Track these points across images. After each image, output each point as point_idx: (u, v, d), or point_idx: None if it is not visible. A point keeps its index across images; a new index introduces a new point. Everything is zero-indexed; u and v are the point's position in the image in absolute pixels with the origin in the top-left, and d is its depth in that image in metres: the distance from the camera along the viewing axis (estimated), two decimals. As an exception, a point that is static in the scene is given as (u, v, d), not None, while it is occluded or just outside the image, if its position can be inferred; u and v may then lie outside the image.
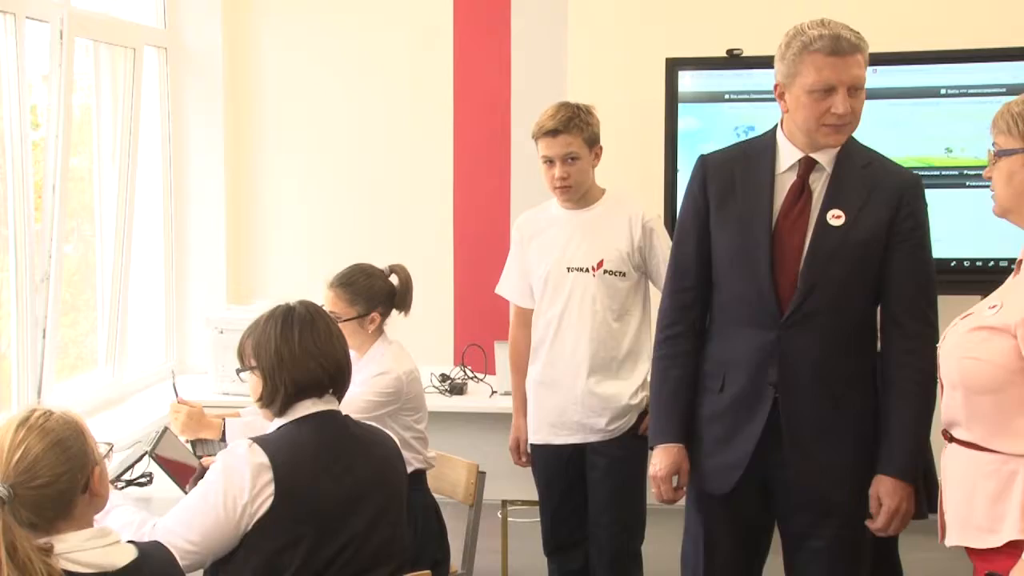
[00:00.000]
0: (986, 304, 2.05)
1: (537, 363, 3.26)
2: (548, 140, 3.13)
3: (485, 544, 3.46)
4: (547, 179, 3.18)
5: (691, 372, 2.56)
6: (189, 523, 2.16)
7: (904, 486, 2.40)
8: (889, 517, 2.40)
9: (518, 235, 3.33)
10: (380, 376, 3.08)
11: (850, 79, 2.37)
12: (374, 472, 2.34)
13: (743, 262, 2.46)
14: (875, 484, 2.43)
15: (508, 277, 3.39)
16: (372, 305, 3.15)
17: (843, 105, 2.37)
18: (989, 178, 2.09)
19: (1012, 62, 4.54)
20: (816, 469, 2.45)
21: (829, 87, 2.37)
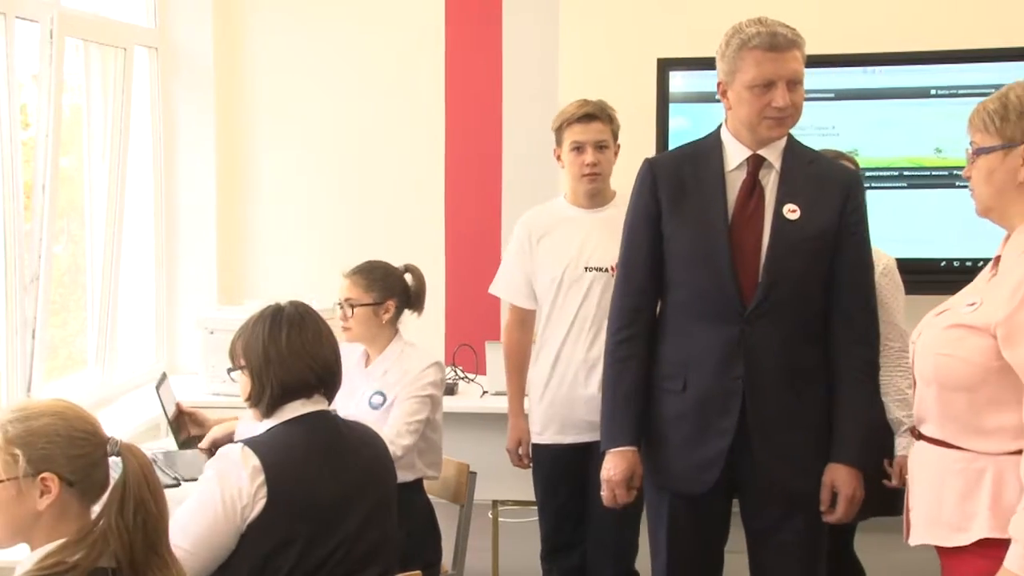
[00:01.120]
0: (963, 301, 2.05)
1: (545, 362, 3.21)
2: (581, 126, 3.14)
3: (476, 544, 3.46)
4: (573, 167, 3.16)
5: (644, 375, 2.58)
6: (184, 529, 2.16)
7: (857, 474, 2.48)
8: (847, 505, 2.47)
9: (525, 233, 3.26)
10: (432, 367, 3.11)
11: (788, 73, 2.42)
12: (365, 472, 2.34)
13: (702, 260, 2.49)
14: (829, 473, 2.48)
15: (508, 276, 3.34)
16: (387, 295, 3.17)
17: (783, 99, 2.42)
18: (968, 178, 2.09)
19: (1002, 62, 4.56)
20: (784, 462, 2.48)
21: (768, 82, 2.42)
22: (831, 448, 2.49)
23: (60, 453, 1.74)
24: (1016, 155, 1.99)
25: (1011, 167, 2.00)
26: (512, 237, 3.34)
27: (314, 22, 5.35)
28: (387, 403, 3.09)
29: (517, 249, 3.29)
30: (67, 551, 1.72)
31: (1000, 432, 1.96)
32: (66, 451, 1.74)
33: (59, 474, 1.73)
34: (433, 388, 3.10)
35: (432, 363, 3.14)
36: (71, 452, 1.74)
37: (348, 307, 3.14)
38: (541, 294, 3.23)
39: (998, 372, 1.93)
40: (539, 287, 3.24)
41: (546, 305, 3.21)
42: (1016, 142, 1.99)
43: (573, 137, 3.15)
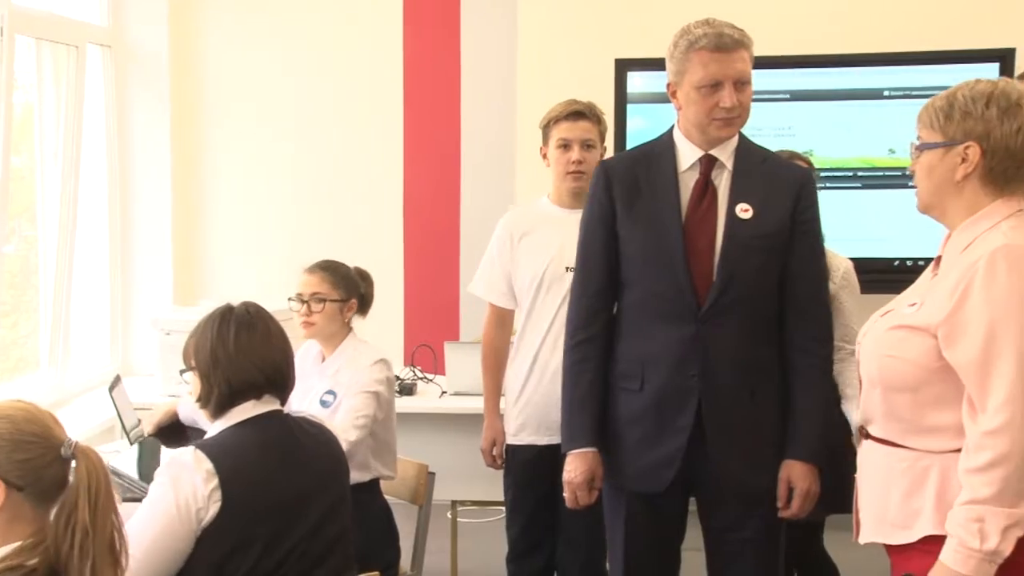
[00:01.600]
0: (906, 302, 2.07)
1: (523, 362, 3.18)
2: (568, 124, 3.13)
3: (434, 545, 3.45)
4: (559, 164, 3.14)
5: (602, 376, 2.59)
6: (138, 535, 2.13)
7: (813, 469, 2.50)
8: (802, 500, 2.49)
9: (506, 232, 3.23)
10: (378, 364, 3.11)
11: (735, 73, 2.45)
12: (320, 471, 2.33)
13: (658, 259, 2.51)
14: (785, 469, 2.50)
15: (488, 275, 3.30)
16: (350, 293, 3.20)
17: (730, 99, 2.45)
18: (913, 173, 2.11)
19: (954, 64, 4.63)
20: (740, 460, 2.50)
21: (716, 82, 2.44)
22: (787, 444, 2.51)
23: (4, 457, 1.71)
24: (956, 154, 2.00)
25: (950, 165, 2.01)
26: (493, 236, 3.30)
27: (271, 20, 5.31)
28: (337, 401, 3.09)
29: (498, 248, 3.26)
30: (24, 554, 1.69)
31: (944, 431, 1.98)
32: (11, 455, 1.72)
33: (4, 478, 1.71)
34: (378, 385, 3.08)
35: (378, 360, 3.13)
36: (16, 456, 1.72)
37: (316, 301, 3.13)
38: (520, 293, 3.20)
39: (940, 372, 1.95)
40: (519, 286, 3.21)
41: (526, 304, 3.19)
42: (957, 141, 2.00)
43: (560, 135, 3.14)
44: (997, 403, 1.87)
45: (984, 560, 1.86)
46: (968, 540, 1.86)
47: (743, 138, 2.58)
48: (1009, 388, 1.86)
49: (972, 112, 1.99)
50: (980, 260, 1.91)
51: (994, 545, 1.85)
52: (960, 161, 2.00)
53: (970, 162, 1.99)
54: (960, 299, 1.92)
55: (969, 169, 1.99)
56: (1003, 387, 1.87)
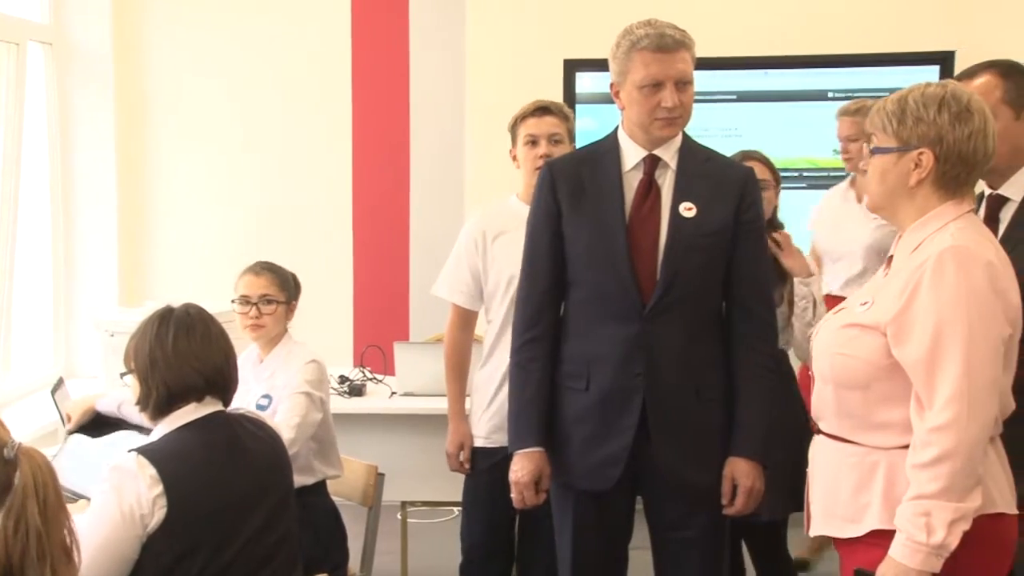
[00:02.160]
0: (857, 300, 2.10)
1: (497, 364, 3.10)
2: (535, 120, 3.11)
3: (384, 546, 3.43)
4: (527, 161, 3.11)
5: (549, 376, 2.60)
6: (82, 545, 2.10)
7: (757, 466, 2.53)
8: (746, 497, 2.51)
9: (478, 231, 3.17)
10: (309, 364, 3.08)
11: (676, 74, 2.46)
12: (264, 471, 2.31)
13: (602, 259, 2.52)
14: (729, 466, 2.52)
15: (454, 276, 3.22)
16: (292, 296, 3.20)
17: (671, 99, 2.46)
18: (865, 170, 2.13)
19: (896, 67, 4.71)
20: (685, 459, 2.51)
21: (657, 82, 2.46)
22: (731, 442, 2.53)
23: None
24: (909, 159, 2.03)
25: (904, 170, 2.04)
26: (461, 236, 3.24)
27: (217, 17, 5.26)
28: (273, 405, 3.06)
29: (467, 248, 3.19)
30: None
31: (892, 427, 2.00)
32: None
33: None
34: (310, 386, 3.05)
35: (309, 360, 3.10)
36: None
37: (265, 303, 3.12)
38: (493, 294, 3.15)
39: (890, 370, 1.98)
40: (491, 287, 3.15)
41: (500, 305, 3.12)
42: (910, 146, 2.03)
43: (527, 131, 3.12)
44: (944, 400, 1.90)
45: (931, 554, 1.89)
46: (916, 534, 1.89)
47: (686, 138, 2.60)
48: (955, 385, 1.89)
49: (924, 117, 2.01)
50: (928, 260, 1.94)
51: (941, 539, 1.88)
52: (913, 167, 2.03)
53: (924, 168, 2.02)
54: (909, 298, 1.95)
55: (923, 175, 2.02)
56: (949, 384, 1.90)
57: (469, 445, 3.19)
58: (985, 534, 1.96)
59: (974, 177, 2.06)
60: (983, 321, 1.91)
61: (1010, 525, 2.02)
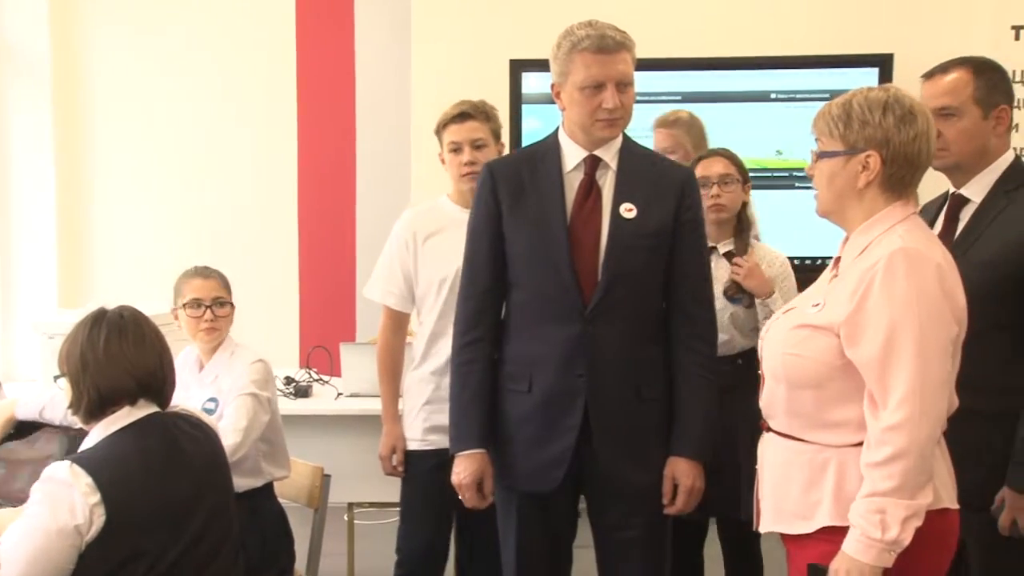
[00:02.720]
0: (808, 301, 2.12)
1: (432, 366, 3.09)
2: (456, 126, 3.08)
3: (331, 547, 3.41)
4: (453, 167, 3.10)
5: (491, 376, 2.59)
6: (14, 559, 2.06)
7: (697, 466, 2.53)
8: (686, 496, 2.52)
9: (409, 233, 3.13)
10: (254, 365, 3.05)
11: (617, 75, 2.46)
12: (203, 473, 2.28)
13: (542, 260, 2.52)
14: (670, 466, 2.53)
15: (386, 278, 3.18)
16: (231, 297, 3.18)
17: (612, 100, 2.47)
18: (812, 175, 2.15)
19: (836, 68, 4.78)
20: (626, 459, 2.52)
21: (598, 83, 2.46)
22: (671, 442, 2.53)
23: None
24: (856, 162, 2.05)
25: (852, 173, 2.06)
26: (392, 238, 3.21)
27: (159, 17, 5.20)
28: (219, 409, 3.03)
29: (398, 249, 3.16)
30: None
31: (844, 426, 2.03)
32: None
33: None
34: (256, 387, 3.02)
35: (255, 361, 3.08)
36: None
37: (219, 306, 3.10)
38: (426, 295, 3.12)
39: (842, 369, 2.00)
40: (422, 288, 3.13)
41: (433, 307, 3.10)
42: (858, 149, 2.05)
43: (450, 137, 3.09)
44: (897, 399, 1.92)
45: (885, 550, 1.92)
46: (870, 531, 1.92)
47: (627, 139, 2.60)
48: (908, 384, 1.92)
49: (870, 121, 2.03)
50: (879, 262, 1.96)
51: (895, 535, 1.91)
52: (861, 169, 2.05)
53: (871, 170, 2.04)
54: (861, 300, 1.97)
55: (871, 177, 2.04)
56: (903, 384, 1.92)
57: (402, 448, 3.16)
58: (930, 529, 1.98)
59: (918, 178, 2.09)
60: (933, 321, 1.94)
61: (953, 520, 2.06)
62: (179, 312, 3.11)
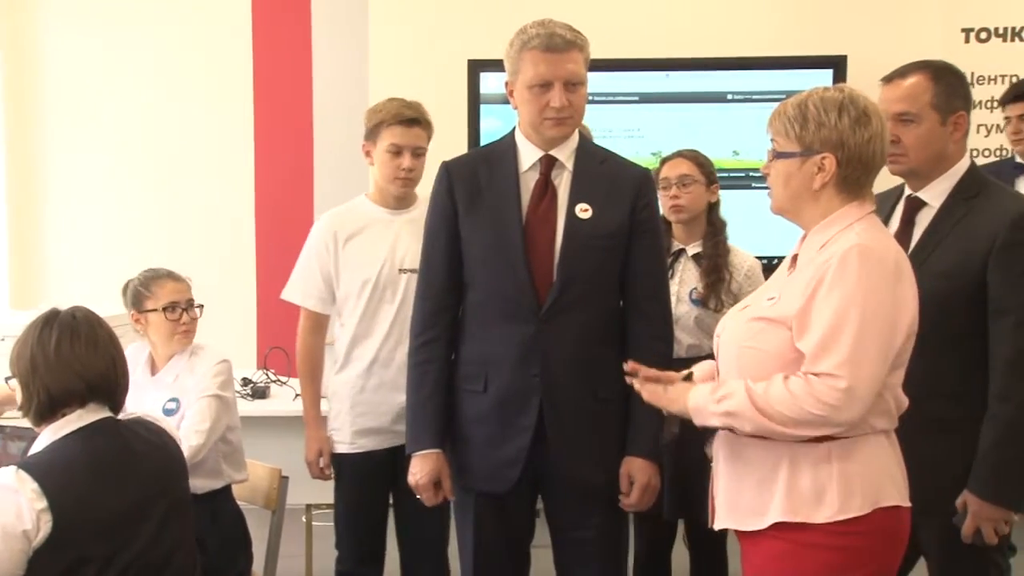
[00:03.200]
0: (764, 296, 2.13)
1: (357, 367, 3.09)
2: (402, 129, 3.05)
3: (289, 549, 3.39)
4: (387, 168, 3.08)
5: (447, 376, 2.59)
6: None
7: (651, 464, 2.53)
8: (641, 493, 2.53)
9: (328, 234, 3.12)
10: (218, 365, 3.04)
11: (565, 74, 2.46)
12: (156, 477, 2.25)
13: (498, 259, 2.52)
14: (625, 465, 2.54)
15: (305, 280, 3.16)
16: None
17: (559, 99, 2.46)
18: (767, 174, 2.16)
19: (792, 70, 4.82)
20: (582, 459, 2.52)
21: (546, 82, 2.46)
22: (627, 441, 2.54)
23: None
24: (812, 163, 2.06)
25: (807, 174, 2.07)
26: (310, 240, 3.17)
27: (112, 14, 5.14)
28: (182, 410, 3.01)
29: (317, 251, 3.14)
30: None
31: None
32: None
33: None
34: (220, 388, 3.01)
35: (219, 361, 3.06)
36: None
37: (193, 307, 3.09)
38: (348, 297, 3.10)
39: (795, 363, 2.01)
40: (344, 290, 3.11)
41: (355, 308, 3.09)
42: (813, 150, 2.06)
43: (392, 139, 3.06)
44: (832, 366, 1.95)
45: (702, 409, 2.05)
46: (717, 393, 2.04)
47: (583, 139, 2.61)
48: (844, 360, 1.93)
49: (826, 122, 2.05)
50: (834, 258, 1.98)
51: (716, 408, 2.03)
52: (817, 171, 2.06)
53: (827, 171, 2.05)
54: (812, 292, 1.99)
55: (826, 178, 2.06)
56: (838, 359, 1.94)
57: (328, 451, 3.15)
58: (881, 526, 2.01)
59: (872, 179, 2.11)
60: (877, 319, 1.96)
61: (904, 517, 2.08)
62: (150, 316, 3.07)
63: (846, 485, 2.00)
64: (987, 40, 5.05)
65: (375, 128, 3.11)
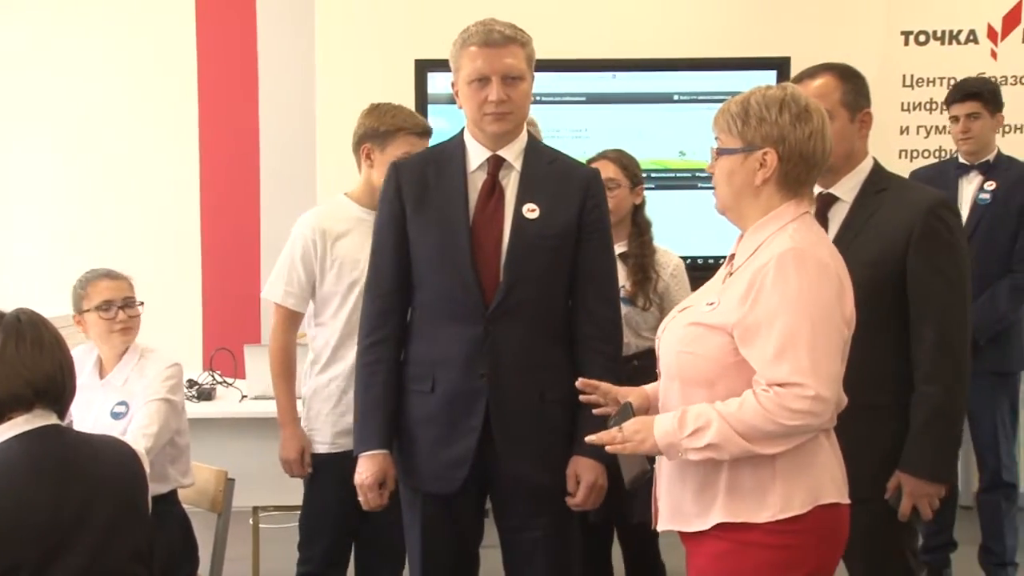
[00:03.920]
0: (703, 300, 2.15)
1: (341, 368, 3.04)
2: (417, 140, 3.03)
3: (235, 552, 3.37)
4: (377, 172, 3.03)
5: (395, 377, 2.59)
6: None
7: (598, 464, 2.52)
8: (588, 492, 2.52)
9: (317, 233, 3.05)
10: (169, 369, 3.01)
11: (502, 68, 2.47)
12: (100, 486, 2.19)
13: (445, 260, 2.52)
14: (572, 464, 2.53)
15: (288, 279, 3.09)
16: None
17: (496, 93, 2.46)
18: (712, 172, 2.18)
19: (737, 71, 4.88)
20: (529, 460, 2.52)
21: (483, 76, 2.47)
22: (575, 442, 2.52)
23: None
24: (754, 159, 2.08)
25: (749, 170, 2.09)
26: (295, 238, 3.12)
27: (56, 14, 5.07)
28: (130, 413, 2.97)
29: (303, 250, 3.08)
30: None
31: None
32: None
33: None
34: (170, 392, 2.99)
35: (169, 365, 3.04)
36: None
37: (130, 306, 3.06)
38: (328, 298, 3.07)
39: (735, 367, 2.03)
40: (327, 290, 3.07)
41: (340, 310, 3.05)
42: (755, 146, 2.08)
43: (408, 148, 3.00)
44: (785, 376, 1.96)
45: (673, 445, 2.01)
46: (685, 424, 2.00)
47: (532, 139, 2.61)
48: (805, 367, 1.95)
49: (767, 118, 2.07)
50: (770, 263, 2.00)
51: (689, 444, 1.99)
52: (758, 166, 2.08)
53: (768, 167, 2.08)
54: (754, 301, 2.00)
55: (768, 174, 2.08)
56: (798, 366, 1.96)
57: (309, 449, 3.11)
58: (821, 524, 2.04)
59: (814, 176, 2.14)
60: (824, 320, 1.99)
61: (843, 514, 2.10)
62: (87, 316, 3.04)
63: (787, 485, 2.02)
64: (925, 43, 5.15)
65: (389, 133, 3.05)
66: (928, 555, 4.06)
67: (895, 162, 4.97)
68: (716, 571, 2.08)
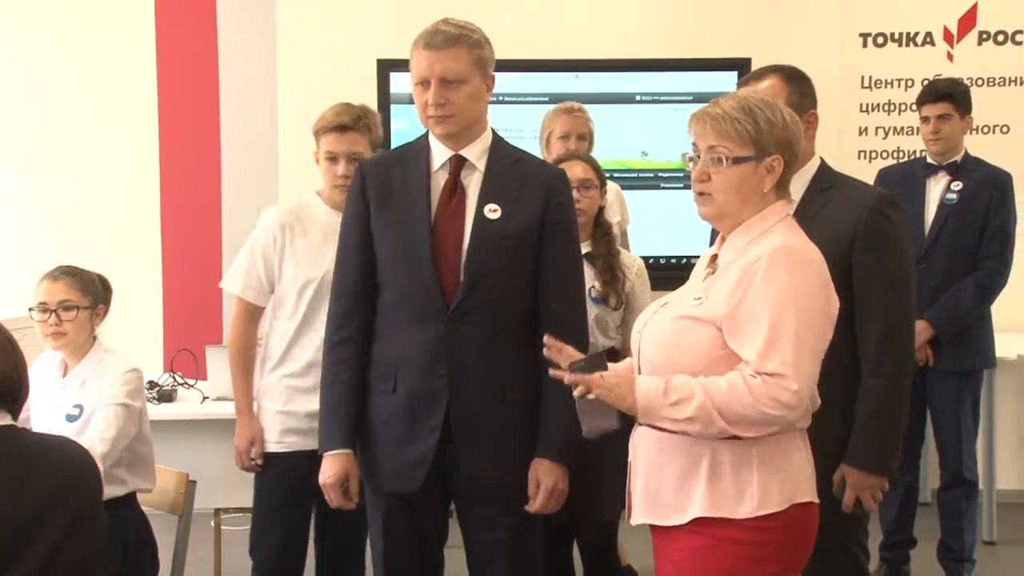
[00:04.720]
0: (688, 295, 2.15)
1: (297, 365, 3.04)
2: (335, 136, 3.01)
3: (197, 555, 3.35)
4: (328, 176, 3.05)
5: (360, 377, 2.58)
6: None
7: (559, 467, 2.52)
8: (547, 496, 2.52)
9: (278, 228, 3.05)
10: (127, 374, 2.98)
11: (440, 71, 2.45)
12: (54, 490, 2.14)
13: (406, 260, 2.52)
14: (533, 467, 2.53)
15: (248, 271, 3.09)
16: (98, 299, 3.06)
17: (433, 96, 2.45)
18: (705, 179, 2.13)
19: (698, 72, 4.91)
20: (490, 460, 2.52)
21: (424, 79, 2.47)
22: (536, 444, 2.53)
23: None
24: (764, 166, 2.09)
25: (760, 177, 2.10)
26: (259, 231, 3.12)
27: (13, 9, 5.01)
28: (85, 415, 2.94)
29: (266, 243, 3.07)
30: None
31: None
32: None
33: None
34: (128, 397, 2.95)
35: (128, 370, 3.00)
36: None
37: (65, 310, 2.98)
38: (284, 296, 3.06)
39: (722, 360, 2.04)
40: (284, 285, 3.06)
41: (296, 308, 3.04)
42: (768, 152, 2.08)
43: (328, 147, 3.03)
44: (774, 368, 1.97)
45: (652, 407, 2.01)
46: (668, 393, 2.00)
47: (497, 139, 2.60)
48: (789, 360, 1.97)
49: (776, 123, 2.09)
50: (762, 258, 2.02)
51: (671, 413, 2.00)
52: (767, 173, 2.10)
53: (775, 173, 2.10)
54: (743, 295, 2.02)
55: (776, 179, 2.10)
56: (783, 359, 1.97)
57: (260, 440, 3.10)
58: (795, 521, 2.07)
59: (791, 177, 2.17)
60: (811, 318, 2.01)
61: (815, 512, 2.13)
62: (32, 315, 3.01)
63: (766, 481, 2.04)
64: (883, 45, 5.21)
65: (315, 135, 3.08)
66: (888, 552, 4.12)
67: (854, 163, 5.03)
68: (689, 566, 2.09)
